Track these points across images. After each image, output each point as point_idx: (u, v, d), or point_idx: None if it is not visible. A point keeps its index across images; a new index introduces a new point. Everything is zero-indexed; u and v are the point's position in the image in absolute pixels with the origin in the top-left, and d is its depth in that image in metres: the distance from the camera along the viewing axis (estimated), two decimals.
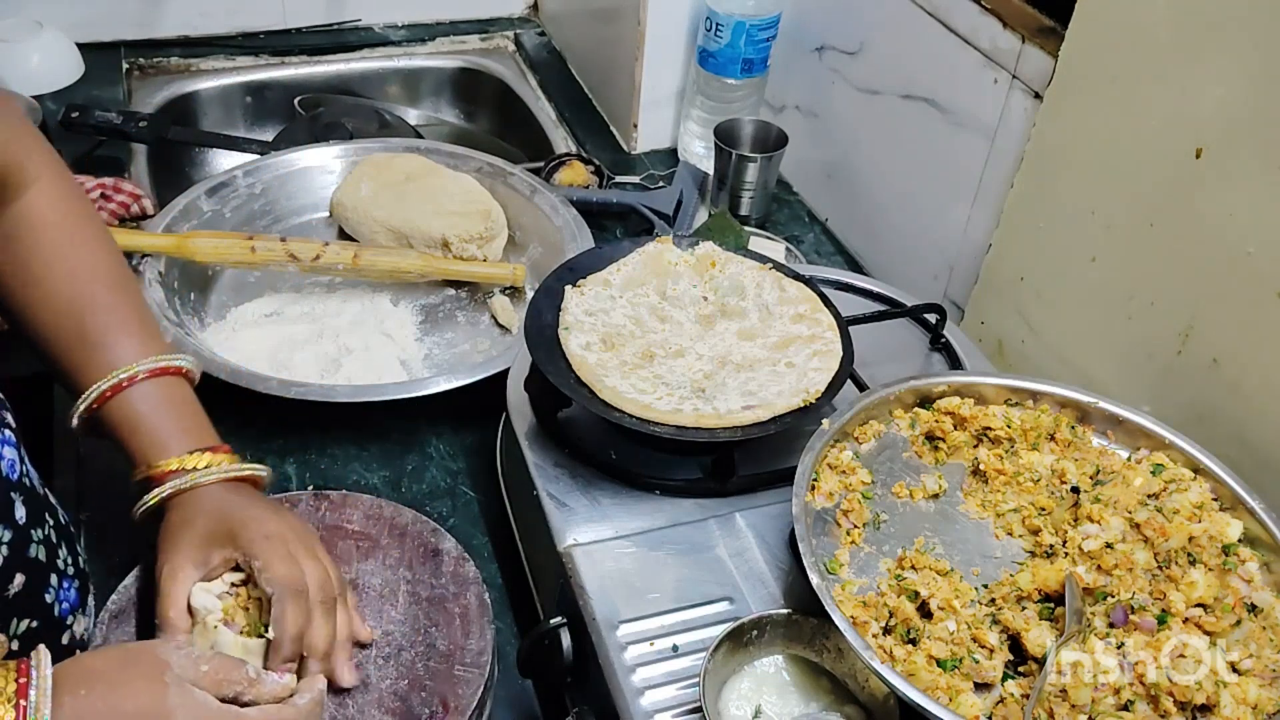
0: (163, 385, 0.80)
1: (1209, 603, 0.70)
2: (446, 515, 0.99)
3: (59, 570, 0.74)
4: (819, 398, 0.82)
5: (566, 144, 1.59)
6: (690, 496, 0.83)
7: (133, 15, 1.64)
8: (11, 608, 0.68)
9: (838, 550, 0.75)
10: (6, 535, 0.67)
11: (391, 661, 0.79)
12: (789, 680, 0.71)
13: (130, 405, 0.78)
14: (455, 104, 1.82)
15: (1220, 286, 0.85)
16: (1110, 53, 0.90)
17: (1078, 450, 0.83)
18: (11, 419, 0.73)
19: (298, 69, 1.71)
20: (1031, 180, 1.02)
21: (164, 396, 0.79)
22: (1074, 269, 0.99)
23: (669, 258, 0.95)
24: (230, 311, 1.17)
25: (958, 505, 0.80)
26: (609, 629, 0.73)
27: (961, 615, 0.69)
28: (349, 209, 1.26)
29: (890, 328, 1.02)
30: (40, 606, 0.71)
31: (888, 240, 1.30)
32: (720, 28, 1.35)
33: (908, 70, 1.19)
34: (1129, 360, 0.95)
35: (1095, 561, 0.73)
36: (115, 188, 1.25)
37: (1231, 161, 0.82)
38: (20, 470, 0.72)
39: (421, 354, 1.15)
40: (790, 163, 1.38)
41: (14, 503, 0.69)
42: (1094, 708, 0.65)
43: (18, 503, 0.69)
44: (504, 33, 1.83)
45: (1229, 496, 0.77)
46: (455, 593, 0.83)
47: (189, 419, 0.80)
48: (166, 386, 0.80)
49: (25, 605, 0.69)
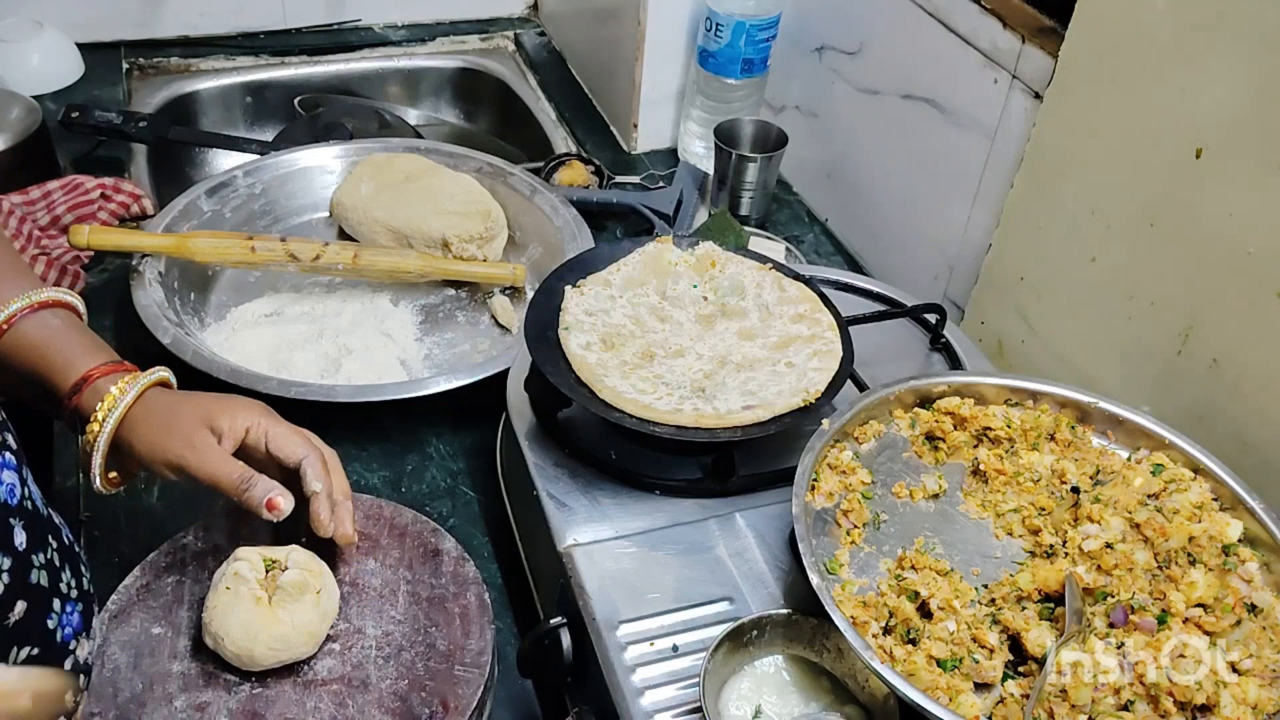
0: (58, 314, 0.79)
1: (1209, 603, 0.70)
2: (446, 515, 0.99)
3: (61, 595, 0.73)
4: (819, 398, 0.82)
5: (566, 144, 1.60)
6: (690, 496, 0.83)
7: (133, 15, 1.64)
8: (12, 636, 0.67)
9: (838, 550, 0.75)
10: (6, 562, 0.66)
11: (391, 661, 0.79)
12: (789, 680, 0.71)
13: (30, 332, 0.77)
14: (455, 104, 1.82)
15: (1220, 286, 0.85)
16: (1110, 53, 0.90)
17: (1078, 450, 0.83)
18: (14, 440, 0.72)
19: (298, 69, 1.72)
20: (1031, 180, 1.02)
21: (64, 323, 0.79)
22: (1074, 269, 0.99)
23: (669, 258, 0.95)
24: (230, 311, 1.17)
25: (958, 505, 0.80)
26: (609, 629, 0.73)
27: (961, 615, 0.69)
28: (349, 209, 1.26)
29: (890, 328, 1.02)
30: (42, 633, 0.70)
31: (888, 240, 1.30)
32: (720, 28, 1.35)
33: (908, 70, 1.19)
34: (1129, 360, 0.95)
35: (1095, 561, 0.73)
36: (115, 188, 1.25)
37: (1231, 161, 0.82)
38: (21, 494, 0.70)
39: (421, 354, 1.15)
40: (790, 163, 1.38)
41: (14, 528, 0.68)
42: (1094, 708, 0.65)
43: (18, 528, 0.68)
44: (504, 33, 1.83)
45: (1229, 496, 0.77)
46: (455, 593, 0.83)
47: (92, 340, 0.80)
48: (62, 316, 0.80)
49: (27, 632, 0.68)
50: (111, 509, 0.95)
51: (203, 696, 0.76)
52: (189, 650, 0.78)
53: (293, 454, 0.80)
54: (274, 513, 0.76)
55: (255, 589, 0.76)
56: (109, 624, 0.79)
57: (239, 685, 0.77)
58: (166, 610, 0.81)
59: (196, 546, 0.86)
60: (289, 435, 0.81)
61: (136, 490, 0.97)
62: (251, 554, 0.78)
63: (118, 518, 0.95)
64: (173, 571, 0.83)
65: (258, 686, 0.77)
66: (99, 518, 0.94)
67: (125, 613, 0.80)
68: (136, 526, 0.94)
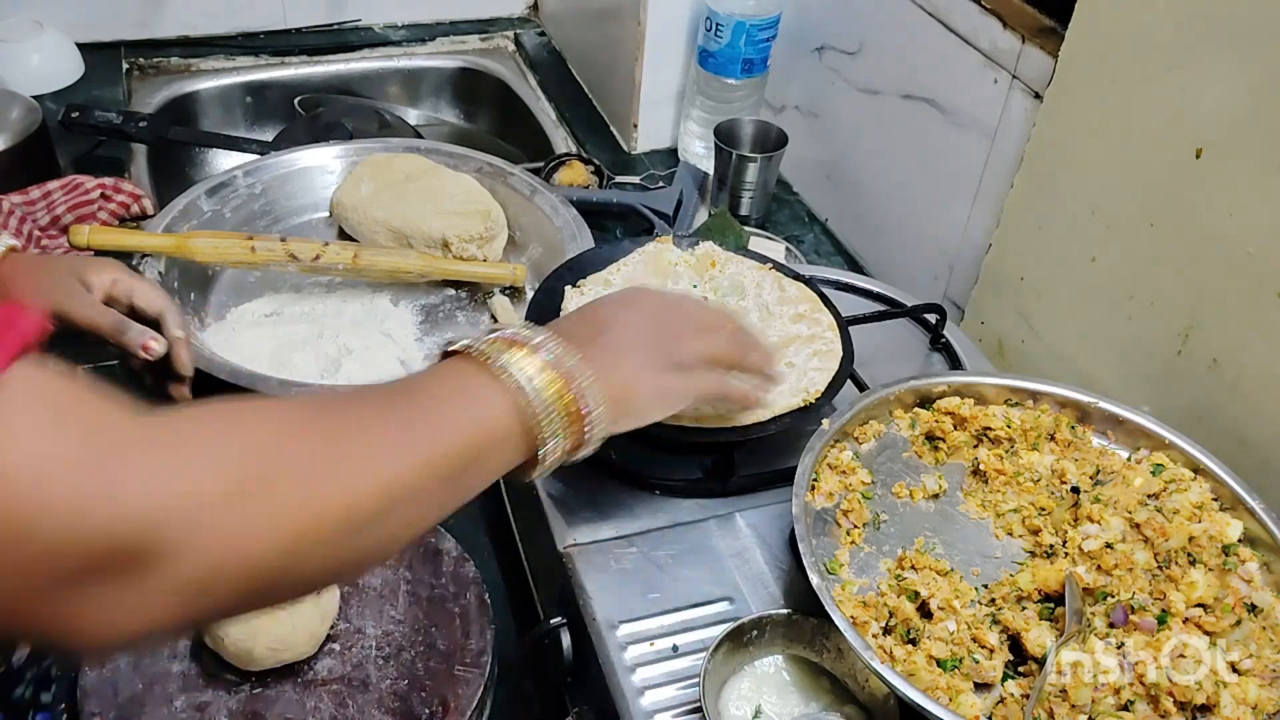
0: None
1: (1209, 603, 0.70)
2: None
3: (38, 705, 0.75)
4: (819, 398, 0.82)
5: (566, 144, 1.59)
6: (690, 496, 0.83)
7: (133, 15, 1.64)
8: None
9: (838, 550, 0.75)
10: None
11: (391, 661, 0.79)
12: (789, 680, 0.71)
13: None
14: (455, 104, 1.82)
15: (1220, 286, 0.85)
16: (1110, 53, 0.90)
17: (1078, 450, 0.83)
18: None
19: (298, 69, 1.71)
20: (1031, 180, 1.02)
21: None
22: (1074, 269, 0.99)
23: (669, 258, 0.95)
24: (230, 311, 1.17)
25: (958, 505, 0.80)
26: (609, 629, 0.73)
27: (961, 615, 0.69)
28: (349, 209, 1.26)
29: (890, 328, 1.02)
30: None
31: (888, 240, 1.30)
32: (720, 28, 1.35)
33: (908, 70, 1.19)
34: (1129, 360, 0.95)
35: (1095, 561, 0.73)
36: (115, 188, 1.25)
37: (1231, 161, 0.82)
38: None
39: (421, 354, 1.15)
40: (790, 163, 1.38)
41: None
42: (1094, 708, 0.65)
43: None
44: (504, 33, 1.83)
45: (1229, 496, 0.77)
46: (455, 593, 0.83)
47: None
48: None
49: None
50: None
51: (203, 696, 0.76)
52: (189, 650, 0.78)
53: (154, 304, 0.90)
54: (148, 353, 0.87)
55: None
56: None
57: (239, 685, 0.77)
58: None
59: None
60: (149, 288, 0.91)
61: None
62: None
63: None
64: None
65: (258, 686, 0.77)
66: None
67: None
68: None
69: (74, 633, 0.42)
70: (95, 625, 0.42)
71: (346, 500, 0.50)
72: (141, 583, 0.42)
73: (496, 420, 0.58)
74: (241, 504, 0.45)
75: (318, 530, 0.48)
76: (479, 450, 0.57)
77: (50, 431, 0.41)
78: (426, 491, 0.54)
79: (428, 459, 0.54)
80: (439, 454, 0.55)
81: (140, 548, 0.41)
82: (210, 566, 0.44)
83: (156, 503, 0.42)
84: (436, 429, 0.55)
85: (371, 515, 0.51)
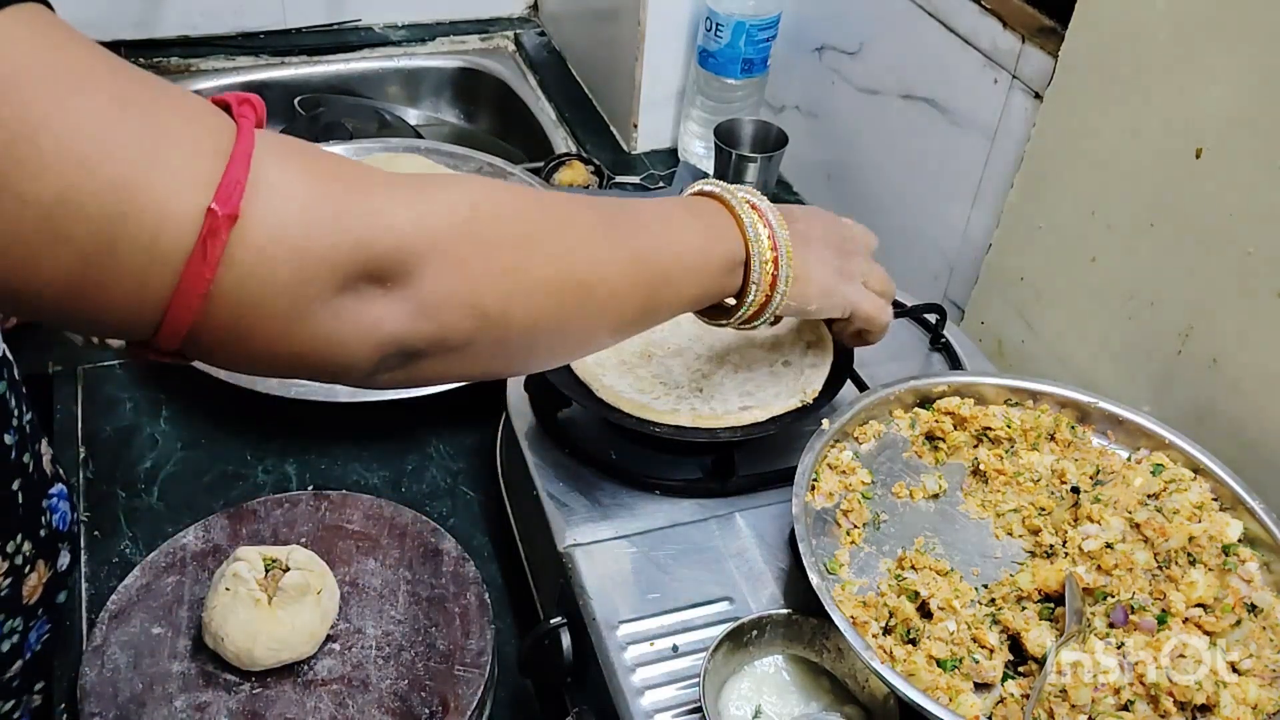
0: None
1: (1209, 603, 0.70)
2: (446, 515, 0.99)
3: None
4: (817, 397, 0.83)
5: (566, 144, 1.59)
6: (690, 496, 0.83)
7: (133, 15, 1.64)
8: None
9: (838, 550, 0.75)
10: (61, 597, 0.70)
11: (391, 661, 0.79)
12: (789, 680, 0.71)
13: None
14: (455, 104, 1.82)
15: (1220, 286, 0.85)
16: (1110, 53, 0.90)
17: (1078, 450, 0.83)
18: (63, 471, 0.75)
19: (298, 69, 1.71)
20: (1031, 180, 1.02)
21: None
22: (1074, 269, 0.99)
23: None
24: None
25: (958, 505, 0.80)
26: (609, 629, 0.73)
27: (961, 615, 0.69)
28: None
29: (890, 328, 1.02)
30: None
31: (887, 240, 1.29)
32: (720, 28, 1.35)
33: (908, 70, 1.19)
34: (1129, 360, 0.95)
35: (1095, 561, 0.73)
36: None
37: (1231, 161, 0.82)
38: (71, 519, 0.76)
39: None
40: (790, 163, 1.38)
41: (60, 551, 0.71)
42: (1094, 708, 0.65)
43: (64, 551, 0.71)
44: (504, 33, 1.83)
45: (1229, 496, 0.77)
46: (455, 593, 0.83)
47: None
48: None
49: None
50: (112, 509, 0.95)
51: (203, 696, 0.76)
52: (189, 650, 0.78)
53: None
54: None
55: (255, 589, 0.76)
56: (109, 624, 0.79)
57: (239, 685, 0.77)
58: (166, 610, 0.81)
59: (196, 546, 0.86)
60: None
61: (136, 490, 0.97)
62: (251, 554, 0.78)
63: (118, 518, 0.95)
64: (173, 571, 0.84)
65: (258, 687, 0.77)
66: (99, 518, 0.94)
67: (125, 613, 0.80)
68: (136, 526, 0.94)
69: (336, 342, 0.50)
70: (351, 332, 0.50)
71: (561, 266, 0.57)
72: (387, 294, 0.50)
73: (728, 251, 0.67)
74: (471, 241, 0.53)
75: (528, 285, 0.56)
76: (698, 271, 0.66)
77: (312, 167, 0.49)
78: (635, 286, 0.62)
79: (645, 259, 0.62)
80: (653, 258, 0.63)
81: (391, 262, 0.50)
82: (443, 290, 0.52)
83: (404, 227, 0.50)
84: (666, 239, 0.64)
85: (578, 287, 0.58)
